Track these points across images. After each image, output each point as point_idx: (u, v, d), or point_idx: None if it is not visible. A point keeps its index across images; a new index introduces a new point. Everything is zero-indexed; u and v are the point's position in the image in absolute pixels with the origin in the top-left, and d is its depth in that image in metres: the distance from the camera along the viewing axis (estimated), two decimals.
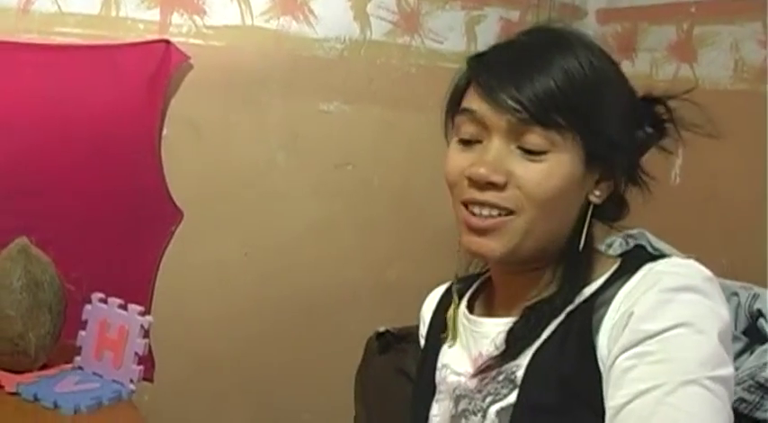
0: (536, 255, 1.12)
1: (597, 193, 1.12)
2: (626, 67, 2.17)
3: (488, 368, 1.13)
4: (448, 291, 1.33)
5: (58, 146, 2.23)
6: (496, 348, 1.14)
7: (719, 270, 1.11)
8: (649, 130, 1.15)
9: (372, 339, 2.09)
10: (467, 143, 1.13)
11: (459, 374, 1.21)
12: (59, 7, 2.20)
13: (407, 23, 2.59)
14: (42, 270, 1.74)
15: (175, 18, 2.32)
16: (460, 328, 1.24)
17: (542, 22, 1.19)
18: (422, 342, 1.36)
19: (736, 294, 1.43)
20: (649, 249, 1.18)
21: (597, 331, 1.04)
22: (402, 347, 2.01)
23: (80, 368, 1.79)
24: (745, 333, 1.36)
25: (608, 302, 1.06)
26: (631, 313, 1.01)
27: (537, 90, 1.06)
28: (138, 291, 2.37)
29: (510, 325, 1.14)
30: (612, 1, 2.73)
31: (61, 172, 2.24)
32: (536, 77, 1.06)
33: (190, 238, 2.42)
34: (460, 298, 1.28)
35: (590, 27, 2.68)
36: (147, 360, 2.38)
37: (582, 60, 1.08)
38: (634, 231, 1.55)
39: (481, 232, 1.11)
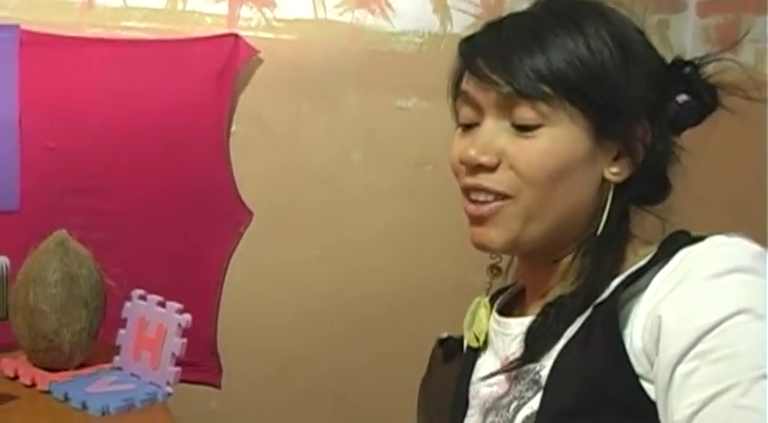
0: (548, 243, 1.03)
1: (614, 170, 1.01)
2: None
3: (512, 369, 1.04)
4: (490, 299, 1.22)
5: (125, 143, 2.19)
6: (520, 347, 1.04)
7: None
8: (684, 98, 1.01)
9: (436, 347, 1.95)
10: (467, 128, 1.06)
11: (491, 385, 1.10)
12: (125, 1, 2.16)
13: (491, 17, 2.43)
14: (79, 264, 1.67)
15: (244, 11, 2.26)
16: (492, 335, 1.15)
17: None
18: None
19: None
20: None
21: (627, 324, 0.93)
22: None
23: (119, 368, 1.72)
24: None
25: (640, 292, 0.94)
26: (673, 304, 0.89)
27: (524, 62, 0.97)
28: (205, 293, 2.31)
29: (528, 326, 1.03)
30: None
31: (127, 169, 2.20)
32: (523, 50, 0.98)
33: (260, 239, 2.33)
34: (493, 303, 1.19)
35: (689, 20, 2.48)
36: (213, 365, 2.33)
37: (587, 29, 0.99)
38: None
39: (479, 221, 1.03)
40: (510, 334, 1.09)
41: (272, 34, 2.28)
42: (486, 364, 1.15)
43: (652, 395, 0.90)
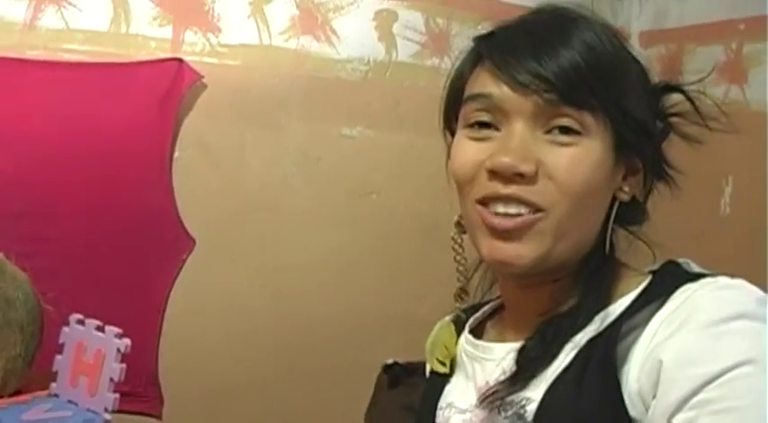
0: (564, 262, 0.96)
1: (626, 188, 0.97)
2: None
3: (495, 395, 0.96)
4: (454, 321, 1.14)
5: (66, 167, 2.15)
6: (504, 373, 0.97)
7: None
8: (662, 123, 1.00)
9: (381, 373, 1.94)
10: (480, 132, 0.96)
11: (464, 411, 1.03)
12: (66, 23, 2.13)
13: (436, 45, 2.47)
14: (16, 287, 1.62)
15: (189, 36, 2.24)
16: (464, 358, 1.07)
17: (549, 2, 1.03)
18: None
19: None
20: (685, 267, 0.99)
21: (624, 362, 0.88)
22: (413, 382, 1.86)
23: (56, 395, 1.67)
24: None
25: (638, 328, 0.89)
26: (675, 349, 0.85)
27: (563, 65, 0.91)
28: (146, 322, 2.26)
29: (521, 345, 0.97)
30: (657, 22, 2.58)
31: (68, 193, 2.15)
32: (560, 51, 0.92)
33: (202, 266, 2.30)
34: (464, 326, 1.11)
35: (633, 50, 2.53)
36: (154, 395, 2.28)
37: (602, 36, 0.94)
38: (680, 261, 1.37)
39: (506, 236, 0.94)
40: (492, 359, 1.02)
41: (217, 59, 2.27)
42: (457, 389, 1.07)
43: None
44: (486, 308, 1.14)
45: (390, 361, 1.93)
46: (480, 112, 0.96)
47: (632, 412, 0.86)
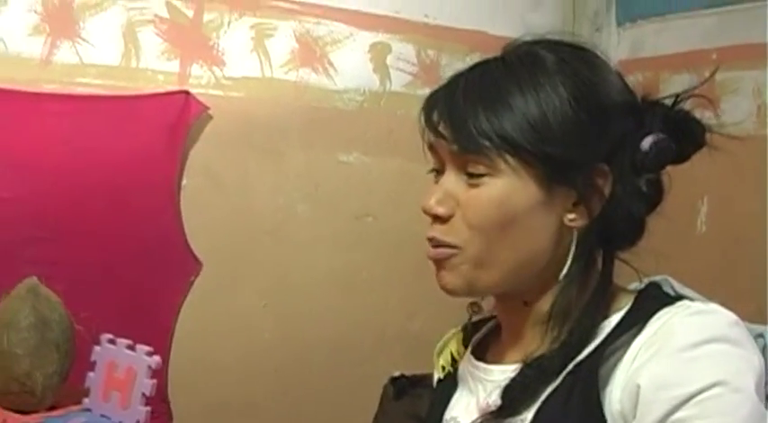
0: (512, 286, 1.05)
1: (571, 216, 1.02)
2: None
3: (490, 419, 1.05)
4: (463, 330, 1.24)
5: (78, 194, 2.23)
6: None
7: (748, 315, 1.04)
8: (651, 139, 1.02)
9: (388, 385, 2.05)
10: (437, 174, 1.09)
11: None
12: (81, 58, 2.23)
13: (427, 75, 2.60)
14: (51, 309, 1.73)
15: (195, 69, 2.35)
16: (467, 375, 1.15)
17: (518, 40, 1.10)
18: None
19: (761, 336, 1.34)
20: (668, 290, 1.08)
21: (607, 383, 0.96)
22: (417, 393, 1.97)
23: (88, 410, 1.77)
24: None
25: (619, 351, 0.96)
26: (652, 373, 0.92)
27: (469, 120, 1.01)
28: (156, 342, 2.30)
29: (515, 372, 1.04)
30: (634, 51, 2.73)
31: (80, 221, 2.24)
32: (470, 109, 1.02)
33: (209, 289, 2.40)
34: (468, 342, 1.21)
35: None
36: (163, 412, 2.37)
37: (542, 83, 1.01)
38: (658, 278, 1.47)
39: (437, 265, 1.06)
40: (492, 381, 1.09)
41: (222, 91, 2.38)
42: (461, 404, 1.15)
43: None
44: (489, 324, 1.21)
45: (397, 373, 2.05)
46: (433, 156, 1.09)
47: None
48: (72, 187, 2.23)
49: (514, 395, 1.02)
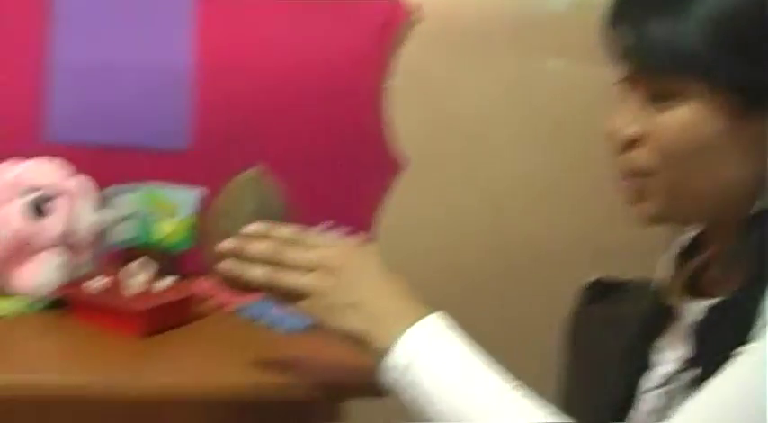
0: (707, 217, 1.05)
1: None
2: None
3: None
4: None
5: (288, 95, 2.31)
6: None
7: None
8: None
9: (585, 288, 2.05)
10: (621, 91, 1.07)
11: (668, 362, 1.09)
12: None
13: None
14: (272, 196, 1.79)
15: None
16: (681, 305, 1.11)
17: None
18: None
19: None
20: None
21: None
22: (616, 297, 1.95)
23: None
24: None
25: None
26: None
27: (662, 35, 0.97)
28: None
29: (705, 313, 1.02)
30: None
31: (283, 118, 2.32)
32: (661, 21, 0.98)
33: (410, 190, 2.44)
34: (682, 265, 1.16)
35: None
36: None
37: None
38: None
39: (633, 197, 1.06)
40: (687, 314, 1.07)
41: None
42: (675, 337, 1.11)
43: None
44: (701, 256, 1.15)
45: (593, 278, 2.04)
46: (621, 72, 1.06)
47: None
48: (274, 87, 2.31)
49: (707, 339, 0.99)
